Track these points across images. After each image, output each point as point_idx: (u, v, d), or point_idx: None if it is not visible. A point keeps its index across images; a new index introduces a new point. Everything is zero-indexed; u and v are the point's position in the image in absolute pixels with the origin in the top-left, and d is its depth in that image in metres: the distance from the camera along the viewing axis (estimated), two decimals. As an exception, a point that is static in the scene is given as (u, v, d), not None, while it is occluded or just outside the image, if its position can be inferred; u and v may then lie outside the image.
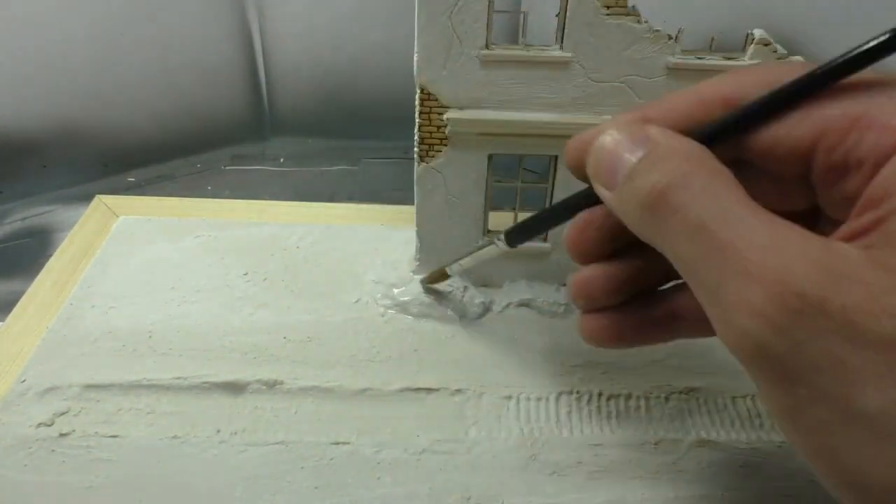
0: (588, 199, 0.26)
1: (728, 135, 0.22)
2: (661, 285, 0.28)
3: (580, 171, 0.25)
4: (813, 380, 0.17)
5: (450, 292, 0.41)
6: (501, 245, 0.33)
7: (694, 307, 0.24)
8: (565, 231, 0.27)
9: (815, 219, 0.23)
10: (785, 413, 0.19)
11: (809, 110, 0.21)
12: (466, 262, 0.37)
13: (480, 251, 0.35)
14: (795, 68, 0.22)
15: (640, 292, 0.27)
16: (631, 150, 0.22)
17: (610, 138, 0.23)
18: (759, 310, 0.18)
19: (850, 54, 0.20)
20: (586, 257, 0.27)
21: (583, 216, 0.27)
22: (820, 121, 0.21)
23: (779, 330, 0.18)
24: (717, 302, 0.19)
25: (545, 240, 0.40)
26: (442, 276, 0.39)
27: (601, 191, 0.23)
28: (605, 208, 0.24)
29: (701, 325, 0.25)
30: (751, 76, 0.23)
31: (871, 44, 0.20)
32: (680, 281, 0.27)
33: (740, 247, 0.18)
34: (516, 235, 0.32)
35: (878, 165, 0.19)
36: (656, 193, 0.21)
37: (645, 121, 0.23)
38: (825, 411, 0.18)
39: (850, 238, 0.19)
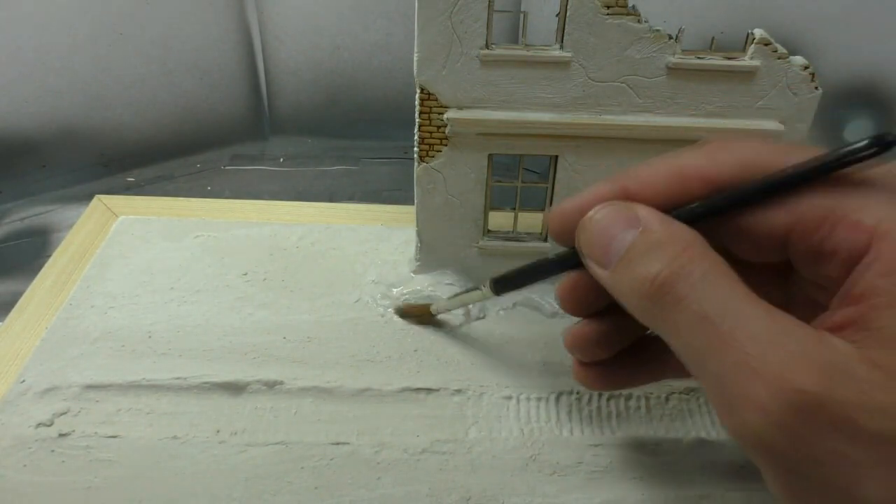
0: (578, 261, 0.26)
1: (710, 218, 0.23)
2: (647, 331, 0.29)
3: (564, 239, 0.26)
4: (814, 472, 0.18)
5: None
6: (486, 291, 0.33)
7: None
8: (556, 286, 0.28)
9: (786, 302, 0.24)
10: (788, 499, 0.20)
11: (786, 200, 0.22)
12: (452, 303, 0.37)
13: (465, 295, 0.36)
14: (769, 150, 0.23)
15: (630, 342, 0.28)
16: (622, 230, 0.23)
17: (599, 216, 0.24)
18: (762, 405, 0.18)
19: (828, 158, 0.21)
20: (577, 311, 0.28)
21: (573, 275, 0.27)
22: (795, 210, 0.22)
23: (781, 426, 0.18)
24: (720, 392, 0.20)
25: (545, 240, 0.40)
26: (424, 312, 0.39)
27: (595, 269, 0.24)
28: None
29: (682, 369, 0.27)
30: (729, 156, 0.24)
31: (848, 149, 0.21)
32: None
33: (742, 340, 0.19)
34: (502, 285, 0.33)
35: (851, 260, 0.21)
36: (658, 284, 0.21)
37: (626, 196, 0.24)
38: (827, 502, 0.19)
39: (836, 330, 0.20)
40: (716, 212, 0.23)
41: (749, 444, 0.19)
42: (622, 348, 0.28)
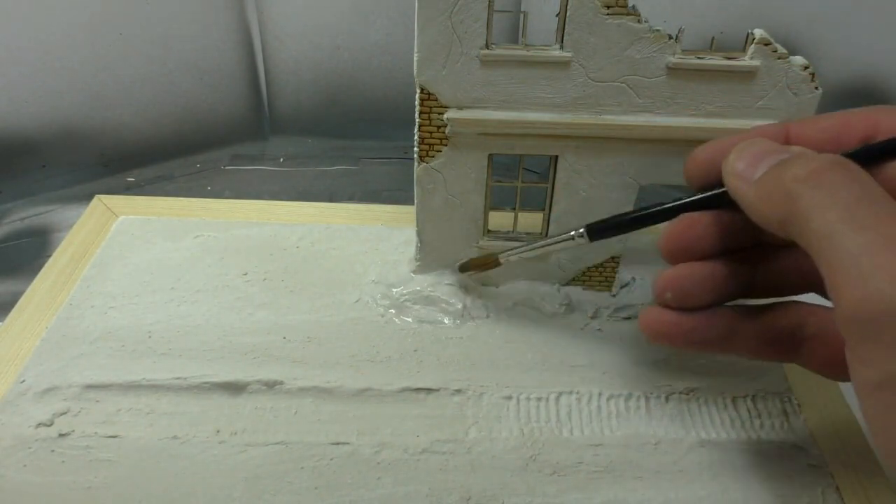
0: (694, 205, 0.29)
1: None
2: (737, 297, 0.30)
3: (701, 176, 0.29)
4: None
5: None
6: (580, 238, 0.34)
7: (757, 329, 0.29)
8: (667, 228, 0.29)
9: None
10: (884, 384, 0.20)
11: None
12: (531, 250, 0.36)
13: (550, 241, 0.35)
14: None
15: (728, 296, 0.29)
16: (776, 154, 0.25)
17: (757, 141, 0.26)
18: None
19: None
20: (683, 255, 0.29)
21: (686, 218, 0.29)
22: None
23: None
24: (854, 265, 0.21)
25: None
26: (492, 263, 0.38)
27: (738, 183, 0.26)
28: (707, 216, 0.29)
29: (750, 345, 0.29)
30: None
31: None
32: (750, 303, 0.30)
33: (889, 223, 0.21)
34: (600, 231, 0.33)
35: None
36: (812, 172, 0.23)
37: (786, 137, 0.28)
38: None
39: None
40: (867, 158, 0.25)
41: (872, 313, 0.20)
42: (718, 300, 0.29)
